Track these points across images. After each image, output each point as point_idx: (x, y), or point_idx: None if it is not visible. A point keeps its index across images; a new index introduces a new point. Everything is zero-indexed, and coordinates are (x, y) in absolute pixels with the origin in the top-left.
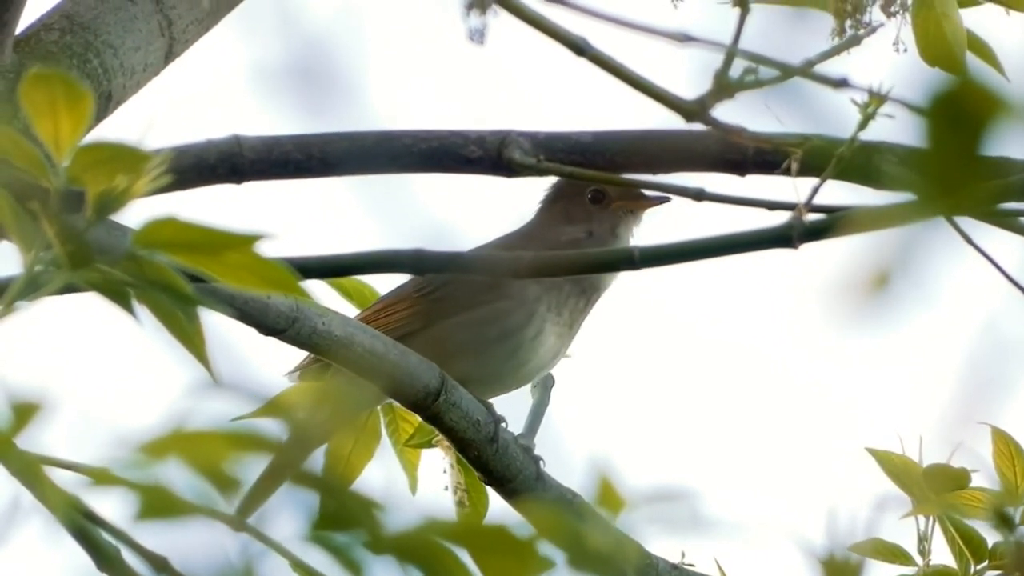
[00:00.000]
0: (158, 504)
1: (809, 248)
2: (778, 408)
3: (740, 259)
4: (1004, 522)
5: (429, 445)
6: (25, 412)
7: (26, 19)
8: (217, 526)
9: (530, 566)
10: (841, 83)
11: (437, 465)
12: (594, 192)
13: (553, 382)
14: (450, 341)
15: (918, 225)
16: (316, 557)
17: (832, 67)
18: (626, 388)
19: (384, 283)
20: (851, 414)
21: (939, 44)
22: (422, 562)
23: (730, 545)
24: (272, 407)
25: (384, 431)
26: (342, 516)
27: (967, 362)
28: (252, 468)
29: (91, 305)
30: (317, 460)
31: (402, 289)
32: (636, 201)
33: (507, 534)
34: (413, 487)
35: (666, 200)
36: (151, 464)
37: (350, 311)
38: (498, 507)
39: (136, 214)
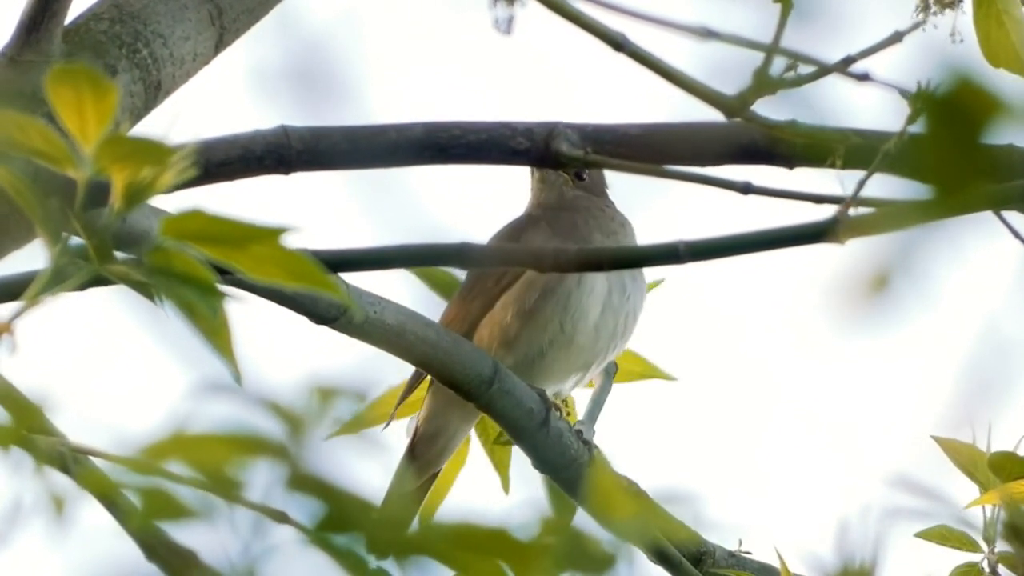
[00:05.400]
0: (173, 505)
1: (814, 248)
2: (784, 409)
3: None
4: (1016, 534)
5: None
6: (32, 410)
7: (76, 8)
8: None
9: (535, 568)
10: (863, 77)
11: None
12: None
13: (616, 369)
14: (500, 325)
15: (922, 225)
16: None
17: (870, 62)
18: (636, 386)
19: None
20: (856, 414)
21: (1001, 43)
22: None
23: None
24: None
25: (472, 431)
26: (343, 518)
27: (968, 362)
28: (256, 471)
29: (107, 299)
30: None
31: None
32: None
33: (508, 537)
34: (505, 486)
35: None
36: (160, 468)
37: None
38: None
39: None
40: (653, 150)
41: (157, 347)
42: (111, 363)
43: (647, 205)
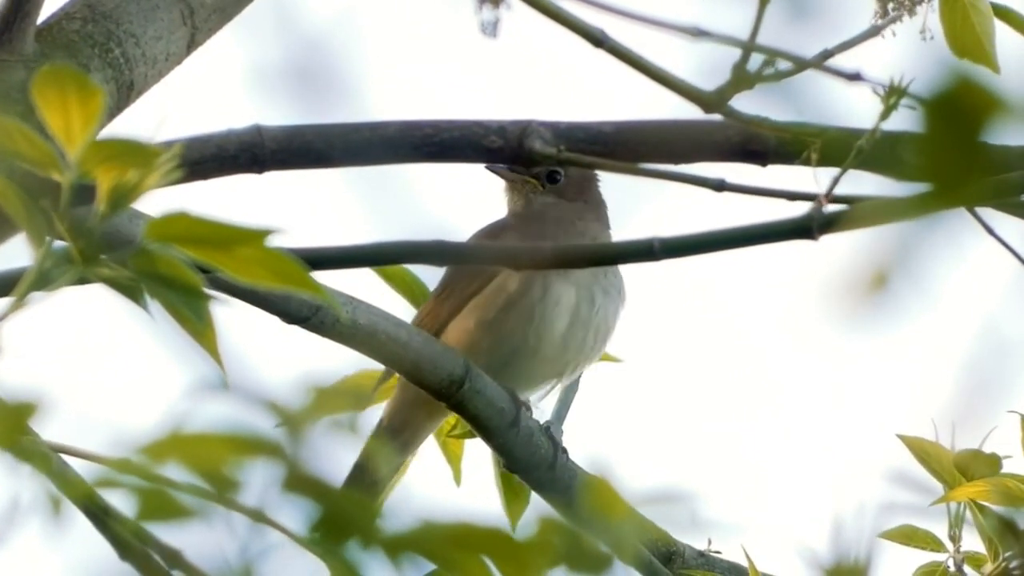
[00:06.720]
0: (167, 505)
1: (799, 245)
2: (781, 406)
3: (756, 251)
4: (1010, 529)
5: (472, 435)
6: (24, 409)
7: (48, 8)
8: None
9: (528, 568)
10: (855, 76)
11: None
12: None
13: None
14: (466, 331)
15: (920, 222)
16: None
17: (850, 58)
18: (630, 384)
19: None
20: (852, 413)
21: (967, 35)
22: (439, 560)
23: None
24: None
25: None
26: (338, 518)
27: (967, 361)
28: (253, 470)
29: (99, 297)
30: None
31: (431, 295)
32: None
33: (504, 537)
34: (458, 479)
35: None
36: (153, 466)
37: (397, 300)
38: None
39: (156, 205)
40: (627, 148)
41: (150, 343)
42: (104, 359)
43: (624, 202)
